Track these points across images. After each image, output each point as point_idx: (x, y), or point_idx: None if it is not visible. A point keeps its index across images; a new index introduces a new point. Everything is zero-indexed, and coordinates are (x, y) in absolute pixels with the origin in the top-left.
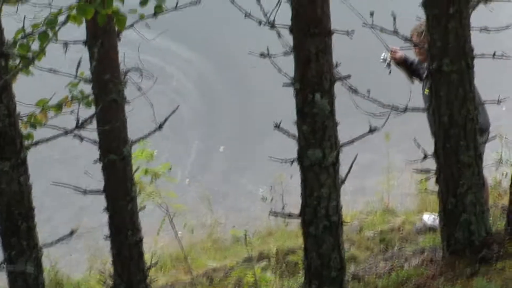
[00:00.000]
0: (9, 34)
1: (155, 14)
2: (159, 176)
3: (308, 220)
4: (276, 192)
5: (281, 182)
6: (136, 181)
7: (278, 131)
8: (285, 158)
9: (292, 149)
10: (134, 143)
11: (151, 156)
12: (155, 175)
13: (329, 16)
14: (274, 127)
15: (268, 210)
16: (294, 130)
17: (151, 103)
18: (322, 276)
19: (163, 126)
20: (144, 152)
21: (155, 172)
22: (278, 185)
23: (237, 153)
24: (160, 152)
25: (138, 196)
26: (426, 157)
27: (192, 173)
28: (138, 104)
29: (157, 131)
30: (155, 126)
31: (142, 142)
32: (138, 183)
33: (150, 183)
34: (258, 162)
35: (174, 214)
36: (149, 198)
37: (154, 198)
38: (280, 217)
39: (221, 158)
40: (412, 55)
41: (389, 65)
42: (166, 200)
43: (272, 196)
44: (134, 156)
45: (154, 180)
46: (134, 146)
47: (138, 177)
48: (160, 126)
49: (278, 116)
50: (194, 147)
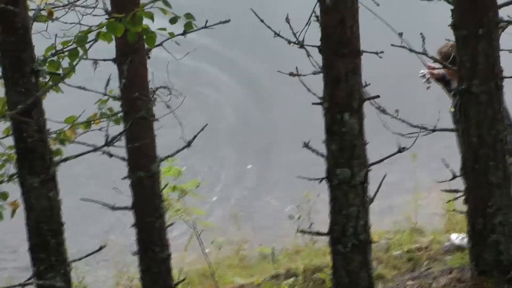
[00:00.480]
0: (39, 51)
1: (185, 33)
2: (187, 193)
3: (336, 238)
4: (303, 210)
5: (308, 200)
6: (164, 197)
7: (306, 150)
8: (313, 177)
9: (319, 167)
10: (162, 160)
11: (179, 173)
12: (183, 192)
13: (358, 36)
14: (302, 146)
15: (294, 228)
16: (322, 149)
17: (180, 121)
18: None
19: (192, 144)
20: (172, 169)
21: (183, 189)
22: (305, 203)
23: (264, 170)
24: (188, 169)
25: (166, 212)
26: (455, 177)
27: (219, 190)
28: (169, 121)
29: (186, 149)
30: (184, 144)
31: (170, 160)
32: (166, 200)
33: (178, 200)
34: (286, 180)
35: (202, 231)
36: (176, 214)
37: (181, 215)
38: (308, 235)
39: (248, 175)
40: None
41: (428, 81)
42: (193, 217)
43: (299, 214)
44: (162, 172)
45: (182, 197)
46: (163, 163)
47: (166, 193)
48: (189, 144)
49: (307, 135)
50: (222, 164)
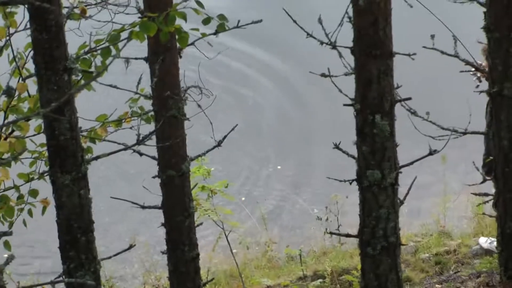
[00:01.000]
0: (71, 49)
1: (217, 33)
2: (216, 193)
3: (366, 240)
4: (331, 212)
5: (336, 202)
6: (193, 197)
7: (337, 151)
8: (343, 178)
9: (347, 169)
10: (193, 160)
11: (208, 173)
12: (212, 192)
13: (391, 38)
14: (333, 147)
15: (322, 230)
16: (353, 151)
17: (210, 121)
18: None
19: (222, 144)
20: (201, 169)
21: (212, 189)
22: (333, 205)
23: (293, 172)
24: (217, 168)
25: (195, 212)
26: (485, 180)
27: (248, 190)
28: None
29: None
30: (214, 144)
31: (200, 159)
32: (195, 200)
33: (207, 200)
34: (314, 181)
35: (230, 231)
36: (205, 214)
37: (210, 215)
38: (337, 236)
39: (278, 176)
40: None
41: (479, 79)
42: (222, 217)
43: (327, 215)
44: (191, 172)
45: (211, 196)
46: (193, 163)
47: (195, 193)
48: (219, 144)
49: (338, 136)
50: (252, 165)
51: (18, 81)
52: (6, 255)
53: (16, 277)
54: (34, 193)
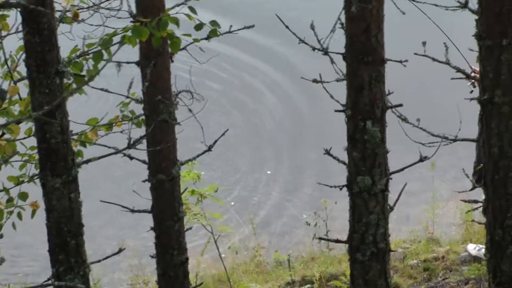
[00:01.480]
0: (62, 53)
1: (209, 38)
2: (205, 197)
3: (355, 246)
4: (319, 217)
5: (325, 208)
6: (182, 201)
7: (327, 157)
8: (333, 184)
9: (338, 175)
10: (183, 164)
11: (198, 177)
12: (201, 196)
13: (383, 45)
14: (324, 153)
15: (310, 235)
16: (344, 157)
17: (201, 126)
18: None
19: (212, 149)
20: (191, 173)
21: (202, 193)
22: (322, 210)
23: (283, 177)
24: (207, 173)
25: (184, 216)
26: (474, 187)
27: (238, 195)
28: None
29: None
30: (205, 148)
31: (190, 164)
32: (184, 204)
33: (196, 204)
34: (304, 186)
35: (219, 236)
36: (194, 218)
37: (199, 219)
38: (326, 242)
39: (268, 181)
40: None
41: (473, 84)
42: (211, 221)
43: (315, 221)
44: (181, 176)
45: (200, 201)
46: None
47: (184, 197)
48: (209, 148)
49: (328, 142)
50: (240, 169)
51: (10, 84)
52: None
53: (3, 279)
54: (23, 196)
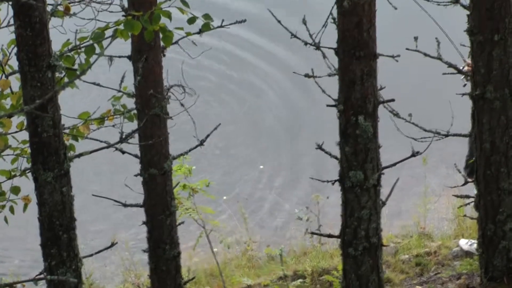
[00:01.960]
0: (54, 47)
1: (201, 32)
2: (197, 191)
3: (348, 241)
4: (311, 212)
5: (317, 203)
6: (174, 196)
7: (320, 152)
8: (326, 179)
9: (329, 170)
10: (175, 158)
11: (189, 171)
12: (193, 191)
13: (375, 40)
14: (316, 148)
15: (302, 230)
16: (336, 151)
17: (193, 120)
18: None
19: (204, 143)
20: (182, 167)
21: (193, 187)
22: (314, 205)
23: (276, 171)
24: (199, 167)
25: (176, 211)
26: (466, 182)
27: (229, 189)
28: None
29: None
30: (197, 142)
31: (182, 158)
32: (176, 198)
33: (188, 199)
34: (296, 181)
35: (211, 230)
36: (186, 213)
37: (191, 214)
38: (319, 237)
39: (260, 176)
40: None
41: (466, 78)
42: (203, 216)
43: (308, 216)
44: (173, 170)
45: (192, 195)
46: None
47: (176, 192)
48: (201, 143)
49: (324, 136)
50: (234, 164)
51: (1, 77)
52: None
53: None
54: (16, 190)
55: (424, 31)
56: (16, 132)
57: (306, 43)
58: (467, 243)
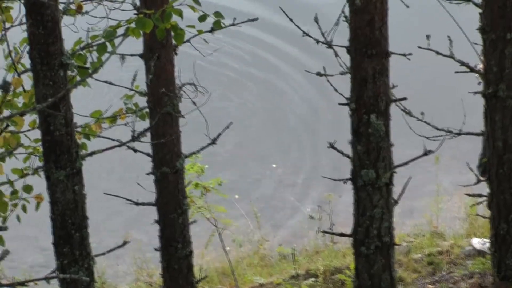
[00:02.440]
0: (66, 45)
1: (212, 30)
2: (209, 190)
3: (360, 240)
4: (323, 211)
5: (329, 201)
6: (186, 194)
7: (332, 150)
8: (338, 178)
9: (342, 168)
10: (187, 157)
11: (202, 170)
12: (205, 189)
13: (387, 38)
14: (328, 146)
15: (315, 229)
16: (348, 150)
17: (205, 119)
18: None
19: (216, 142)
20: (195, 166)
21: (205, 186)
22: (326, 204)
23: (288, 170)
24: (212, 164)
25: (188, 209)
26: (479, 181)
27: (242, 188)
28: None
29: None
30: (209, 141)
31: (194, 157)
32: (188, 197)
33: (200, 197)
34: (308, 180)
35: (223, 229)
36: (198, 211)
37: (203, 212)
38: (332, 235)
39: (272, 174)
40: None
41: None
42: (215, 214)
43: (320, 214)
44: (185, 169)
45: (204, 194)
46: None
47: (188, 190)
48: (213, 141)
49: (337, 135)
50: (246, 163)
51: (13, 76)
52: (0, 250)
53: (8, 272)
54: (28, 188)
55: (436, 29)
56: (28, 130)
57: (318, 41)
58: (480, 242)
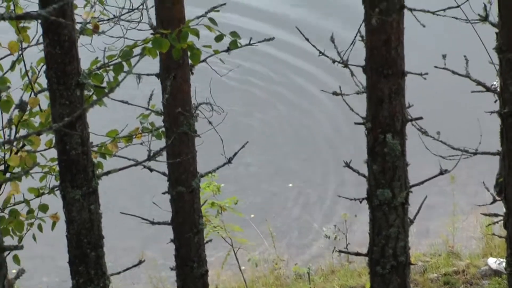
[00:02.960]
0: (83, 65)
1: (229, 49)
2: (225, 209)
3: (375, 259)
4: (339, 230)
5: (345, 221)
6: (202, 213)
7: (348, 170)
8: (354, 197)
9: (357, 188)
10: (203, 176)
11: (218, 189)
12: (221, 209)
13: (403, 57)
14: (344, 166)
15: (330, 248)
16: (364, 170)
17: (221, 138)
18: None
19: (232, 161)
20: (211, 185)
21: (221, 205)
22: (342, 223)
23: (304, 189)
24: (226, 185)
25: (204, 228)
26: (495, 201)
27: (258, 207)
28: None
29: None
30: (225, 161)
31: (210, 176)
32: (204, 216)
33: (216, 216)
34: (324, 199)
35: (239, 248)
36: (214, 231)
37: (219, 232)
38: (347, 255)
39: (288, 194)
40: None
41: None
42: (231, 233)
43: (335, 234)
44: (201, 188)
45: (220, 213)
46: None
47: (204, 209)
48: (229, 160)
49: (347, 155)
50: (262, 182)
51: (30, 95)
52: (14, 270)
53: None
54: (44, 207)
55: (452, 48)
56: (44, 150)
57: (334, 61)
58: (496, 262)
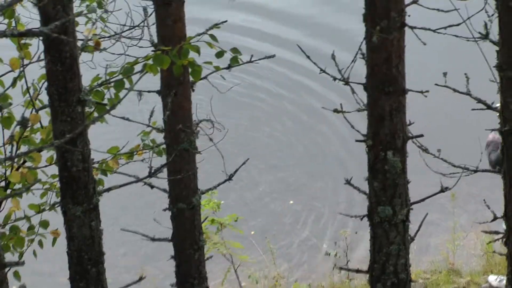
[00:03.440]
0: (84, 81)
1: (230, 66)
2: (225, 226)
3: (376, 276)
4: (339, 247)
5: (345, 238)
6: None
7: (348, 187)
8: (361, 214)
9: (358, 205)
10: (203, 193)
11: (218, 206)
12: (221, 226)
13: (404, 75)
14: (345, 183)
15: (330, 265)
16: (365, 186)
17: (222, 155)
18: None
19: (233, 178)
20: (211, 202)
21: (221, 222)
22: (342, 240)
23: (304, 206)
24: (226, 202)
25: (204, 245)
26: (495, 218)
27: (258, 224)
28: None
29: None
30: (225, 177)
31: (210, 193)
32: (204, 233)
33: (216, 233)
34: (324, 216)
35: (239, 265)
36: (214, 247)
37: (219, 248)
38: (347, 272)
39: (288, 211)
40: None
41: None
42: (231, 250)
43: (336, 251)
44: (201, 205)
45: (220, 230)
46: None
47: (204, 226)
48: (230, 177)
49: (349, 172)
50: (263, 199)
51: (31, 112)
52: (14, 286)
53: None
54: (44, 224)
55: (453, 66)
56: (45, 166)
57: (335, 79)
58: (497, 280)
